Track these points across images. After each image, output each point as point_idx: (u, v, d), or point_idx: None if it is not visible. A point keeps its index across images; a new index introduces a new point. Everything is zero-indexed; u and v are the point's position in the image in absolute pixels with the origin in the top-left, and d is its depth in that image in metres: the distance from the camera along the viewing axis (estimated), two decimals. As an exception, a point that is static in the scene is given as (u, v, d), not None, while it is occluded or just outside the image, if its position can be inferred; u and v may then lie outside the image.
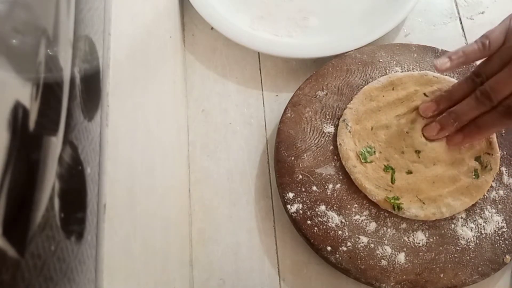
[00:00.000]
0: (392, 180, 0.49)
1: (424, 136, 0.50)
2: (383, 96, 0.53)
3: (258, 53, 0.60)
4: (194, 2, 0.59)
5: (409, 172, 0.49)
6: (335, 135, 0.51)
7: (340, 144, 0.50)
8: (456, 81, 0.53)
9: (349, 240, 0.46)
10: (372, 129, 0.51)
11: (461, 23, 0.62)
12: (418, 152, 0.50)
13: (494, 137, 0.50)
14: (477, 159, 0.49)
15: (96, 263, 0.27)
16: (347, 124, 0.51)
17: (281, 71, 0.59)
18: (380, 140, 0.51)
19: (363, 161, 0.49)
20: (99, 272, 0.27)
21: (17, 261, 0.19)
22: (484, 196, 0.48)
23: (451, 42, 0.59)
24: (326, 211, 0.48)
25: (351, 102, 0.52)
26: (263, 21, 0.60)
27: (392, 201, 0.47)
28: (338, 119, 0.52)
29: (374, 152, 0.50)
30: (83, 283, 0.25)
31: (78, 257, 0.25)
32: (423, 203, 0.47)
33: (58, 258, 0.23)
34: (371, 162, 0.50)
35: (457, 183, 0.48)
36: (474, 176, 0.48)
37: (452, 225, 0.47)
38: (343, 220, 0.47)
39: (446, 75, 0.54)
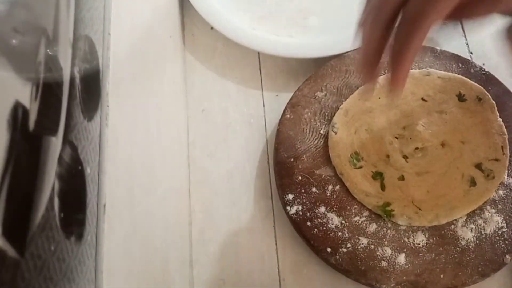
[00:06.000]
0: (382, 187, 0.48)
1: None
2: (379, 98, 0.52)
3: (258, 53, 0.60)
4: (194, 2, 0.59)
5: (401, 179, 0.48)
6: (335, 136, 0.51)
7: (330, 149, 0.50)
8: (463, 77, 0.52)
9: (349, 241, 0.46)
10: (355, 132, 0.50)
11: (461, 23, 0.62)
12: (406, 157, 0.49)
13: (506, 140, 0.48)
14: (478, 166, 0.48)
15: (96, 263, 0.27)
16: (333, 126, 0.50)
17: (281, 71, 0.59)
18: (362, 145, 0.50)
19: (352, 167, 0.49)
20: (99, 272, 0.27)
21: (17, 261, 0.19)
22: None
23: (451, 42, 0.59)
24: (326, 213, 0.48)
25: (345, 101, 0.52)
26: (263, 21, 0.60)
27: (381, 209, 0.47)
28: (338, 119, 0.52)
29: (362, 158, 0.49)
30: (83, 283, 0.25)
31: (78, 257, 0.25)
32: (419, 209, 0.47)
33: (58, 258, 0.23)
34: (361, 167, 0.49)
35: (452, 192, 0.47)
36: (471, 185, 0.47)
37: (452, 226, 0.47)
38: (343, 221, 0.47)
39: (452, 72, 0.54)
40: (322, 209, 0.48)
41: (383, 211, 0.47)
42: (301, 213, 0.48)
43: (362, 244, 0.46)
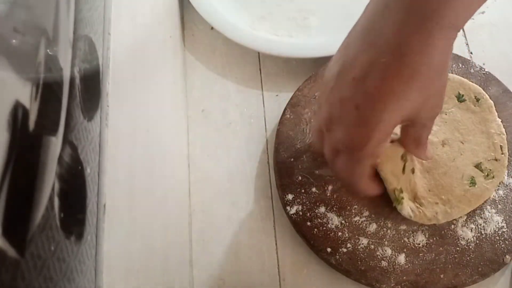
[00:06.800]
0: (403, 170, 0.46)
1: None
2: None
3: (258, 53, 0.60)
4: (194, 2, 0.59)
5: (413, 171, 0.47)
6: (335, 136, 0.51)
7: None
8: (461, 78, 0.52)
9: (349, 241, 0.46)
10: None
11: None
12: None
13: (504, 140, 0.49)
14: (478, 166, 0.48)
15: (96, 263, 0.27)
16: None
17: (281, 71, 0.59)
18: None
19: None
20: (99, 272, 0.27)
21: (17, 261, 0.19)
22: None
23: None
24: (326, 213, 0.48)
25: None
26: (263, 21, 0.60)
27: (397, 192, 0.46)
28: (338, 119, 0.52)
29: None
30: (83, 283, 0.25)
31: (78, 257, 0.25)
32: (420, 206, 0.47)
33: (58, 258, 0.23)
34: None
35: (452, 192, 0.47)
36: (470, 185, 0.47)
37: (452, 226, 0.47)
38: (343, 221, 0.47)
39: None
40: (322, 209, 0.48)
41: (397, 195, 0.46)
42: (301, 213, 0.48)
43: (362, 244, 0.46)
